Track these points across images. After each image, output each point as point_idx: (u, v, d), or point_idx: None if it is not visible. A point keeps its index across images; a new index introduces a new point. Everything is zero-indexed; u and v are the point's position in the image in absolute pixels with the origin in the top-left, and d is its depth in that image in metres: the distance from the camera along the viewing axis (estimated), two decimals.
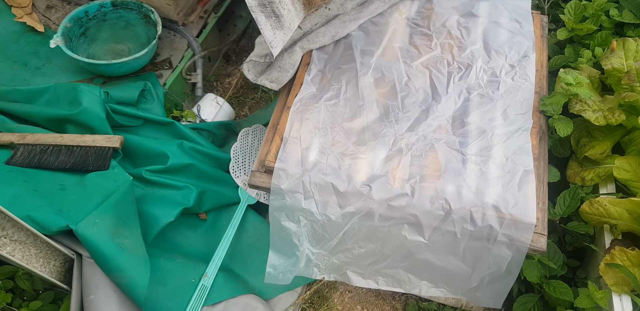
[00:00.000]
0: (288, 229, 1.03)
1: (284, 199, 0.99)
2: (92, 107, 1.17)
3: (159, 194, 1.14)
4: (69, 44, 1.36)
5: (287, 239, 1.05)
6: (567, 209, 1.17)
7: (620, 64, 1.26)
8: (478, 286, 1.04)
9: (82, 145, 1.14)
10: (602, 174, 1.21)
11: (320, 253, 1.07)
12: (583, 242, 1.18)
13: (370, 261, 1.07)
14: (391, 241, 1.01)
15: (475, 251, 0.98)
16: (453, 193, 0.98)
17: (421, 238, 0.98)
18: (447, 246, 0.99)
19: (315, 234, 1.04)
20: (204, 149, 1.25)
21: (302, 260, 1.06)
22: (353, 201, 0.98)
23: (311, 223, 1.02)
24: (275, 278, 1.07)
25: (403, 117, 1.10)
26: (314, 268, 1.10)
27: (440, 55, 1.19)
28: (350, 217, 0.99)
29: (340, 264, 1.09)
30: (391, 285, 1.10)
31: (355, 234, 1.02)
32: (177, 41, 1.52)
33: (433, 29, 1.24)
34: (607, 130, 1.22)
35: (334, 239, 1.04)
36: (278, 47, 1.07)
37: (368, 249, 1.05)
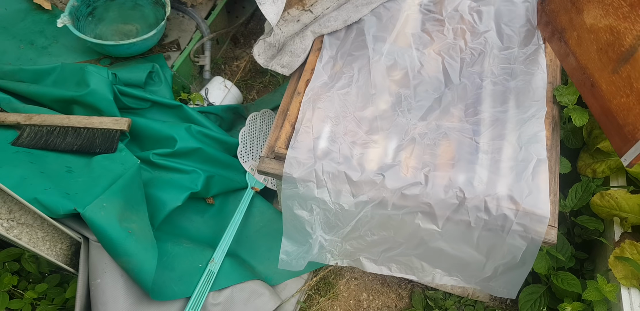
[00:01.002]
0: (301, 217, 1.03)
1: (297, 188, 0.99)
2: (100, 88, 1.15)
3: (166, 178, 1.13)
4: (76, 24, 1.34)
5: (300, 227, 1.04)
6: (578, 202, 1.16)
7: None
8: (492, 275, 1.04)
9: (90, 127, 1.13)
10: (614, 167, 1.19)
11: (333, 240, 1.07)
12: (592, 235, 1.18)
13: (384, 248, 1.07)
14: (404, 229, 1.01)
15: (489, 241, 0.97)
16: (466, 181, 0.97)
17: (435, 227, 0.97)
18: (460, 235, 0.98)
19: (328, 222, 1.04)
20: (211, 133, 1.23)
21: (315, 246, 1.07)
22: (366, 190, 0.97)
23: (324, 212, 1.02)
24: (289, 264, 1.08)
25: (416, 106, 1.08)
26: (327, 254, 1.10)
27: (453, 41, 1.17)
28: (364, 206, 0.98)
29: (354, 250, 1.09)
30: (404, 271, 1.10)
31: (368, 222, 1.02)
32: (186, 23, 1.50)
33: (445, 14, 1.21)
34: None
35: (346, 227, 1.04)
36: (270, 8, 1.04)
37: (381, 236, 1.04)
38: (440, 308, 1.21)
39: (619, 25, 1.02)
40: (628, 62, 0.98)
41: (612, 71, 1.02)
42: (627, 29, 0.99)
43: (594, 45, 1.07)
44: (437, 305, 1.22)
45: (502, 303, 1.26)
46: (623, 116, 0.96)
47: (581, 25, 1.11)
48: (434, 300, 1.23)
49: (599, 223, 1.15)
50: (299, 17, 1.23)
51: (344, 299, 1.26)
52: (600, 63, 1.04)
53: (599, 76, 1.04)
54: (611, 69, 1.01)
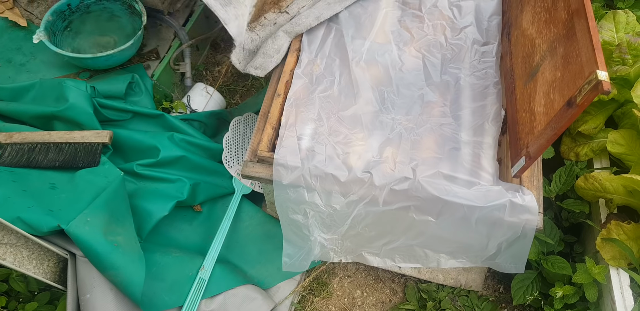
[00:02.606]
0: (297, 221, 1.04)
1: (287, 194, 1.00)
2: (79, 102, 1.16)
3: (151, 188, 1.13)
4: (52, 39, 1.34)
5: (298, 230, 1.06)
6: (562, 186, 1.17)
7: (611, 36, 1.24)
8: (497, 252, 1.05)
9: (71, 142, 1.13)
10: (596, 149, 1.20)
11: (333, 238, 1.09)
12: (579, 218, 1.18)
13: (384, 242, 1.09)
14: (400, 223, 1.02)
15: (487, 222, 0.97)
16: (454, 174, 0.98)
17: (430, 218, 0.98)
18: (457, 222, 0.98)
19: (324, 223, 1.05)
20: (195, 141, 1.23)
21: (315, 247, 1.08)
22: (355, 190, 0.98)
23: (318, 214, 1.03)
24: (293, 266, 1.10)
25: (399, 102, 1.09)
26: (331, 252, 1.12)
27: (433, 37, 1.17)
28: (355, 205, 0.99)
29: (355, 246, 1.11)
30: (408, 261, 1.12)
31: (363, 219, 1.03)
32: (164, 31, 1.50)
33: (424, 10, 1.21)
34: (600, 104, 1.20)
35: (343, 226, 1.05)
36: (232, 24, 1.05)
37: (378, 231, 1.06)
38: (434, 300, 1.22)
39: (536, 38, 1.03)
40: (533, 79, 1.01)
41: (525, 83, 1.04)
42: (539, 45, 1.01)
43: (521, 51, 1.08)
44: (431, 297, 1.23)
45: (495, 291, 1.27)
46: (520, 130, 0.98)
47: (520, 25, 1.12)
48: (428, 293, 1.24)
49: (585, 205, 1.16)
50: (276, 20, 1.24)
51: (338, 297, 1.27)
52: (522, 71, 1.06)
53: (518, 84, 1.07)
54: (525, 81, 1.03)
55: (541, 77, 0.98)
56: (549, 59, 0.99)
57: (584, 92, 0.79)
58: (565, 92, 0.86)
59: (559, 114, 0.85)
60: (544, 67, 0.99)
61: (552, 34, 0.97)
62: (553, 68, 0.96)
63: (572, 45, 0.88)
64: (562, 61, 0.91)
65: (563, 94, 0.86)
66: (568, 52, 0.90)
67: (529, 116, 0.97)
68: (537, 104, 0.96)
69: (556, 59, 0.95)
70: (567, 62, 0.89)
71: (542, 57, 0.99)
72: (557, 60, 0.95)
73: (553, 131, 0.87)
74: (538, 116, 0.94)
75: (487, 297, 1.24)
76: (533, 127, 0.95)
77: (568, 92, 0.84)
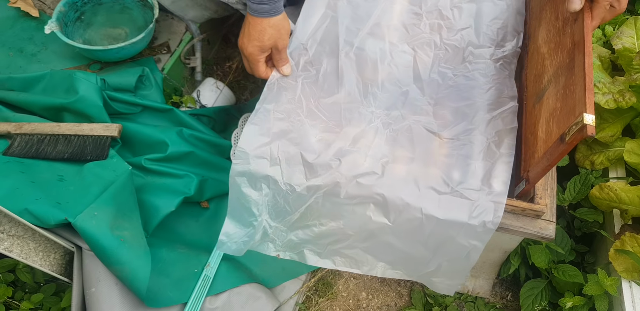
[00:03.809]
0: (248, 196, 0.98)
1: (248, 164, 0.95)
2: (89, 95, 1.14)
3: (159, 183, 1.12)
4: (64, 29, 1.33)
5: (246, 207, 1.00)
6: (577, 195, 1.15)
7: (632, 43, 1.22)
8: (435, 270, 1.02)
9: (80, 134, 1.12)
10: (612, 158, 1.18)
11: (278, 228, 1.03)
12: (592, 228, 1.16)
13: (330, 240, 1.03)
14: (354, 221, 0.98)
15: (439, 238, 0.95)
16: (424, 177, 0.94)
17: (386, 220, 0.95)
18: (411, 230, 0.95)
19: (277, 205, 1.00)
20: (204, 136, 1.22)
21: (258, 231, 1.02)
22: (320, 173, 0.94)
23: (273, 192, 0.98)
24: (228, 248, 1.03)
25: (382, 96, 1.05)
26: (270, 243, 1.05)
27: (429, 36, 1.14)
28: (316, 190, 0.95)
29: (299, 241, 1.05)
30: (348, 265, 1.07)
31: (318, 209, 0.98)
32: (175, 24, 1.48)
33: (424, 8, 1.18)
34: (618, 112, 1.18)
35: (295, 213, 1.00)
36: None
37: (329, 227, 1.01)
38: (440, 305, 1.21)
39: (546, 58, 1.00)
40: (539, 102, 0.98)
41: (533, 103, 1.01)
42: (548, 67, 0.99)
43: (534, 69, 1.06)
44: (437, 302, 1.21)
45: (503, 298, 1.26)
46: (525, 151, 0.96)
47: (536, 40, 1.10)
48: (434, 298, 1.22)
49: (599, 214, 1.14)
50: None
51: (343, 299, 1.25)
52: (532, 90, 1.04)
53: (528, 103, 1.04)
54: (533, 101, 1.01)
55: (545, 103, 0.96)
56: (554, 85, 0.97)
57: (572, 132, 0.78)
58: (560, 125, 0.84)
59: (553, 146, 0.84)
60: (549, 92, 0.97)
61: (558, 60, 0.94)
62: (555, 97, 0.94)
63: (571, 78, 0.86)
64: (562, 92, 0.89)
65: (559, 126, 0.84)
66: (567, 85, 0.87)
67: (533, 139, 0.95)
68: (539, 129, 0.94)
69: (558, 88, 0.93)
70: (566, 95, 0.86)
71: (548, 81, 0.97)
72: (559, 89, 0.93)
73: (548, 161, 0.85)
74: (539, 141, 0.92)
75: (495, 304, 1.23)
76: (534, 151, 0.94)
77: (562, 126, 0.83)
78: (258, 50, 0.98)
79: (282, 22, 0.97)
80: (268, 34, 0.96)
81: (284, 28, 0.98)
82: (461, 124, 1.01)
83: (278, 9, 0.95)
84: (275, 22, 0.96)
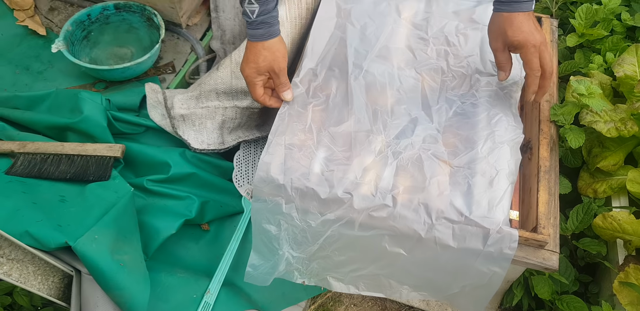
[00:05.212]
0: (268, 231, 1.01)
1: (265, 202, 0.98)
2: (94, 115, 1.15)
3: (160, 205, 1.12)
4: (71, 48, 1.34)
5: (268, 241, 1.03)
6: (579, 224, 1.14)
7: (633, 71, 1.23)
8: (459, 293, 1.02)
9: (83, 154, 1.12)
10: (615, 186, 1.18)
11: (300, 257, 1.05)
12: (596, 258, 1.16)
13: (351, 268, 1.05)
14: (371, 251, 0.99)
15: (456, 264, 0.95)
16: (436, 206, 0.95)
17: (402, 250, 0.96)
18: (428, 259, 0.96)
19: (296, 238, 1.02)
20: (206, 158, 1.22)
21: (281, 263, 1.04)
22: (334, 209, 0.95)
23: (292, 228, 1.00)
24: (255, 278, 1.06)
25: (391, 124, 1.06)
26: (295, 271, 1.07)
27: (436, 62, 1.15)
28: (331, 224, 0.97)
29: (321, 270, 1.07)
30: (372, 289, 1.08)
31: (335, 241, 1.00)
32: (181, 44, 1.50)
33: (430, 34, 1.19)
34: (620, 140, 1.18)
35: (314, 245, 1.01)
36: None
37: (348, 257, 1.02)
38: None
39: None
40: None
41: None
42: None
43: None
44: None
45: None
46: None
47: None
48: None
49: (602, 246, 1.13)
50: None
51: None
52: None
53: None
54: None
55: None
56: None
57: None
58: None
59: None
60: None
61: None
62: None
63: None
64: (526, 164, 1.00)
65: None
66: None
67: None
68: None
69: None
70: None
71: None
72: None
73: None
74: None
75: None
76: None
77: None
78: (254, 73, 1.01)
79: (276, 44, 1.01)
80: (262, 56, 1.00)
81: (279, 51, 1.01)
82: (470, 153, 1.01)
83: (272, 33, 0.99)
84: (269, 44, 1.00)
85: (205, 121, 1.21)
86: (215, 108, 1.23)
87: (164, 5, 1.40)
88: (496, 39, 1.03)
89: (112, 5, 1.40)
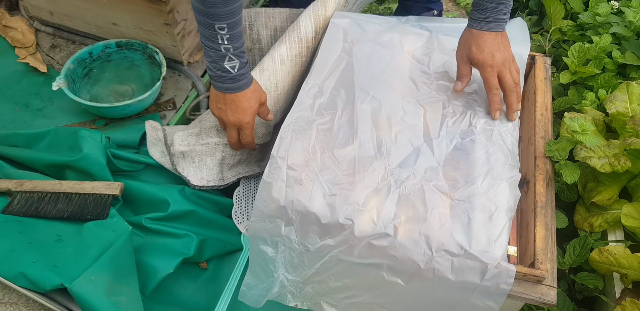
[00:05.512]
0: (265, 253, 1.01)
1: (265, 223, 0.97)
2: (93, 153, 1.16)
3: (158, 243, 1.11)
4: (71, 86, 1.36)
5: (264, 263, 1.02)
6: (577, 258, 1.15)
7: (625, 107, 1.26)
8: None
9: (81, 192, 1.12)
10: (611, 220, 1.19)
11: (295, 280, 1.04)
12: (593, 292, 1.15)
13: (346, 295, 1.04)
14: (368, 279, 0.99)
15: (452, 297, 0.95)
16: (437, 238, 0.95)
17: (399, 280, 0.95)
18: (425, 290, 0.96)
19: (292, 261, 1.01)
20: (206, 195, 1.23)
21: (276, 285, 1.03)
22: (334, 234, 0.95)
23: (289, 250, 0.99)
24: (248, 298, 1.05)
25: (395, 152, 1.07)
26: (288, 294, 1.06)
27: (437, 96, 1.18)
28: (330, 250, 0.96)
29: (315, 294, 1.05)
30: None
31: (332, 267, 0.99)
32: (182, 81, 1.52)
33: (432, 68, 1.23)
34: (614, 175, 1.20)
35: (310, 269, 1.01)
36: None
37: (344, 283, 1.01)
38: None
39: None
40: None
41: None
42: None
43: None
44: None
45: None
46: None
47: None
48: None
49: (599, 280, 1.13)
50: None
51: None
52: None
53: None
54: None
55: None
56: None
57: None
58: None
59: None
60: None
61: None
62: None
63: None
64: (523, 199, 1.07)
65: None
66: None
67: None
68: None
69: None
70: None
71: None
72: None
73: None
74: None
75: None
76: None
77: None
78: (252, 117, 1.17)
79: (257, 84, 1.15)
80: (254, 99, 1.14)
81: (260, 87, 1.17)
82: (470, 187, 1.03)
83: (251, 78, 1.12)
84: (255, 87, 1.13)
85: (205, 158, 1.22)
86: (216, 144, 1.24)
87: (166, 43, 1.43)
88: (461, 51, 1.11)
89: (114, 43, 1.43)
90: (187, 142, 1.23)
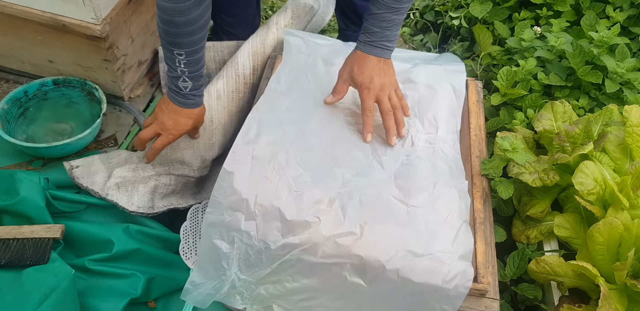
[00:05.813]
0: (219, 249, 0.95)
1: (222, 215, 0.92)
2: (31, 195, 1.12)
3: (104, 285, 1.08)
4: (6, 127, 1.32)
5: (215, 259, 0.96)
6: (516, 270, 1.20)
7: (551, 125, 1.35)
8: None
9: (19, 237, 1.08)
10: (545, 232, 1.26)
11: (247, 280, 0.99)
12: (534, 302, 1.21)
13: (302, 297, 1.01)
14: (329, 280, 0.97)
15: (412, 301, 0.96)
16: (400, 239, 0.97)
17: (361, 281, 0.95)
18: (386, 292, 0.96)
19: (248, 259, 0.96)
20: (152, 232, 1.21)
21: (226, 284, 0.98)
22: (298, 232, 0.93)
23: (246, 247, 0.94)
24: (193, 297, 0.99)
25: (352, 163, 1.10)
26: (237, 295, 1.01)
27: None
28: (292, 248, 0.93)
29: (268, 296, 1.01)
30: None
31: (292, 266, 0.96)
32: (123, 117, 1.51)
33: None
34: (545, 189, 1.28)
35: (266, 269, 0.97)
36: None
37: (302, 284, 0.98)
38: None
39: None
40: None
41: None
42: None
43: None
44: None
45: None
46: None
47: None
48: None
49: (538, 290, 1.19)
50: None
51: None
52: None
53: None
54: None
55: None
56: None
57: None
58: None
59: None
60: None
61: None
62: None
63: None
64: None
65: None
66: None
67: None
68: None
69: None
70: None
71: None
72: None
73: None
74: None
75: None
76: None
77: None
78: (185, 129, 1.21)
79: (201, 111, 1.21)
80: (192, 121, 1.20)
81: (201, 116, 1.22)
82: (423, 195, 1.07)
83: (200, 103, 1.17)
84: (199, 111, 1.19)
85: (138, 185, 1.21)
86: (150, 176, 1.24)
87: (106, 79, 1.42)
88: (344, 69, 1.14)
89: (50, 81, 1.41)
90: (123, 176, 1.22)
